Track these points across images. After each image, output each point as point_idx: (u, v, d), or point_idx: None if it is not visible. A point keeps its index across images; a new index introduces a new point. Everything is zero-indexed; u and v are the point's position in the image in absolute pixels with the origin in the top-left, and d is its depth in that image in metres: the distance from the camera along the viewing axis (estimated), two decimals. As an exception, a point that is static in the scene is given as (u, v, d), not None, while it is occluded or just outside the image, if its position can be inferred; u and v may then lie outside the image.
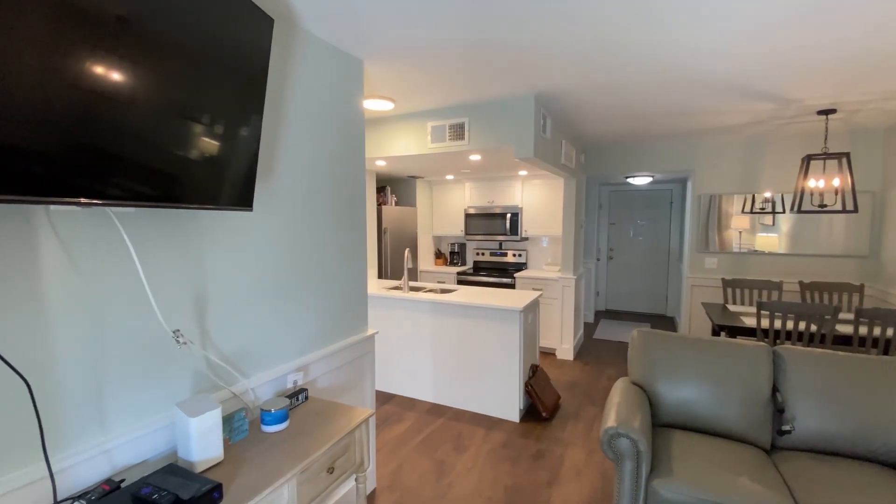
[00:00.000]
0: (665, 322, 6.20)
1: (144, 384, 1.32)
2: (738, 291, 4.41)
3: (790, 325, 3.08)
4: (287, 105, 1.75)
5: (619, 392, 2.22)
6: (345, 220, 2.09)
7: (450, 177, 5.13)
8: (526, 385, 3.23)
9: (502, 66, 2.32)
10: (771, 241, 4.34)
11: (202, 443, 1.29)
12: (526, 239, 5.26)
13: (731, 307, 3.74)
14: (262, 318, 1.69)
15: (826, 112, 3.17)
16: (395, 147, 3.32)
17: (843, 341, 2.88)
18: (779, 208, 4.29)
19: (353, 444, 1.59)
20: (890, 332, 2.74)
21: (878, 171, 3.80)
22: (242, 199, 1.42)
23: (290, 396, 1.69)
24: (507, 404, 3.20)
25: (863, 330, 2.86)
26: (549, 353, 4.71)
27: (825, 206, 3.21)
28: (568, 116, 3.42)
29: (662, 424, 2.27)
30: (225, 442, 1.44)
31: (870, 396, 1.91)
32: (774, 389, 2.10)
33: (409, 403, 3.47)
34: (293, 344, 1.83)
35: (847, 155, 3.03)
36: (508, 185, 5.07)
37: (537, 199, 4.98)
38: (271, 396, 1.74)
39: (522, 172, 4.73)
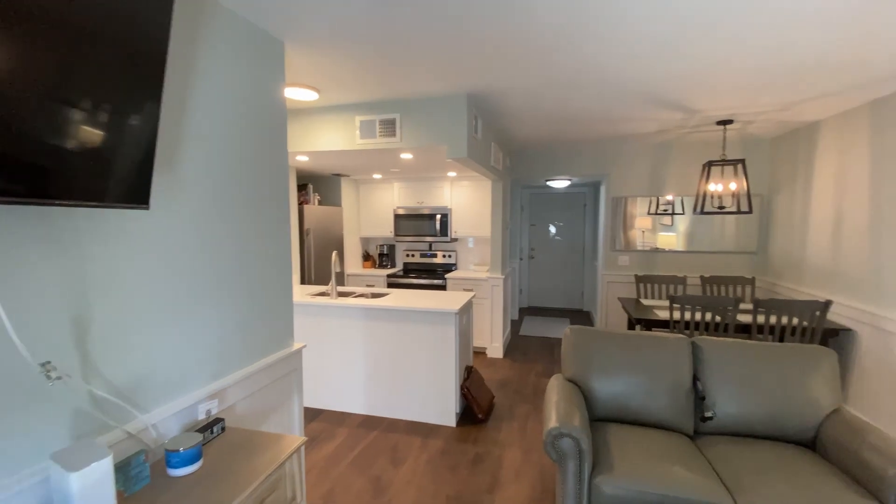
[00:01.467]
0: (582, 316, 6.58)
1: (2, 432, 1.01)
2: (649, 286, 4.79)
3: (698, 316, 3.39)
4: (196, 88, 1.48)
5: (555, 390, 2.25)
6: (267, 219, 1.85)
7: (378, 176, 4.94)
8: (462, 388, 3.17)
9: (435, 60, 2.22)
10: (670, 239, 4.78)
11: (89, 502, 1.02)
12: (455, 240, 5.25)
13: (645, 301, 4.04)
14: (163, 337, 1.41)
15: (724, 122, 3.54)
16: (319, 142, 3.07)
17: (743, 329, 3.23)
18: (679, 210, 4.73)
19: (283, 479, 1.39)
20: (784, 320, 3.13)
21: (766, 177, 4.37)
22: (135, 194, 1.16)
23: (202, 430, 1.44)
24: (444, 409, 3.12)
25: (760, 319, 3.23)
26: (479, 353, 4.73)
27: (723, 207, 3.58)
28: (497, 118, 3.44)
29: (598, 419, 2.34)
30: (119, 495, 1.17)
31: (780, 381, 2.13)
32: (695, 378, 2.26)
33: (340, 418, 3.24)
34: (205, 366, 1.56)
35: (742, 161, 3.42)
36: (438, 185, 5.01)
37: (466, 200, 4.99)
38: (179, 433, 1.47)
39: (451, 174, 4.70)
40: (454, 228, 5.04)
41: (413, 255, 5.45)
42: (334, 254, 3.41)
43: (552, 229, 7.10)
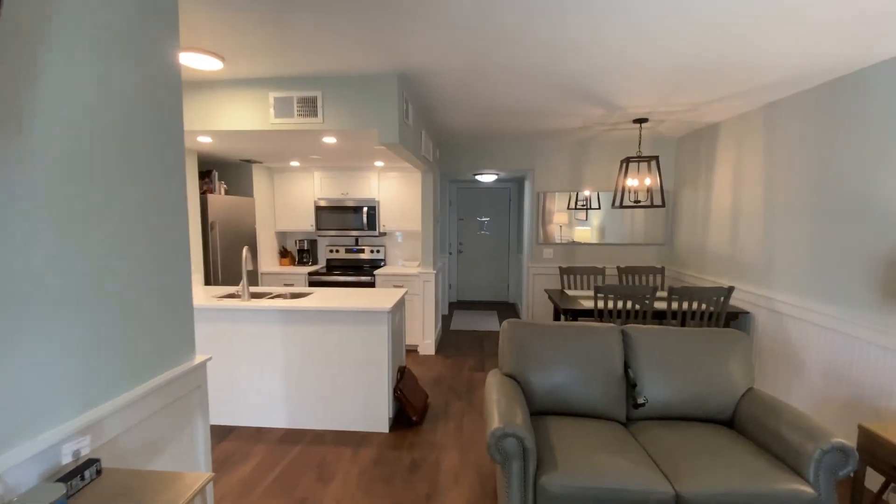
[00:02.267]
0: (508, 308, 6.71)
1: None
2: (572, 277, 4.96)
3: (620, 305, 3.53)
4: (53, 34, 1.12)
5: (495, 387, 2.16)
6: (156, 204, 1.50)
7: (295, 163, 4.52)
8: (395, 390, 2.98)
9: (365, 30, 2.00)
10: (585, 233, 5.01)
11: None
12: (384, 234, 5.01)
13: (570, 292, 4.16)
14: (2, 361, 1.04)
15: (640, 121, 3.73)
16: (225, 120, 2.67)
17: (659, 315, 3.43)
18: (595, 205, 4.96)
19: (183, 529, 1.11)
20: (695, 305, 3.37)
21: (672, 173, 4.71)
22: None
23: (68, 477, 1.10)
24: (376, 415, 2.90)
25: (674, 305, 3.45)
26: (411, 350, 4.57)
27: (639, 202, 3.78)
28: (428, 107, 3.28)
29: (536, 412, 2.30)
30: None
31: (701, 364, 2.24)
32: (626, 366, 2.31)
33: (256, 434, 2.88)
34: (68, 395, 1.21)
35: (656, 158, 3.62)
36: (364, 176, 4.72)
37: (394, 192, 4.77)
38: (36, 483, 1.11)
39: (379, 163, 4.45)
40: (382, 222, 4.80)
41: (337, 251, 5.11)
42: (245, 250, 3.02)
43: (480, 225, 7.14)
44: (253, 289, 3.49)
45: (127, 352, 1.38)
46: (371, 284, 4.53)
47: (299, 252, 5.04)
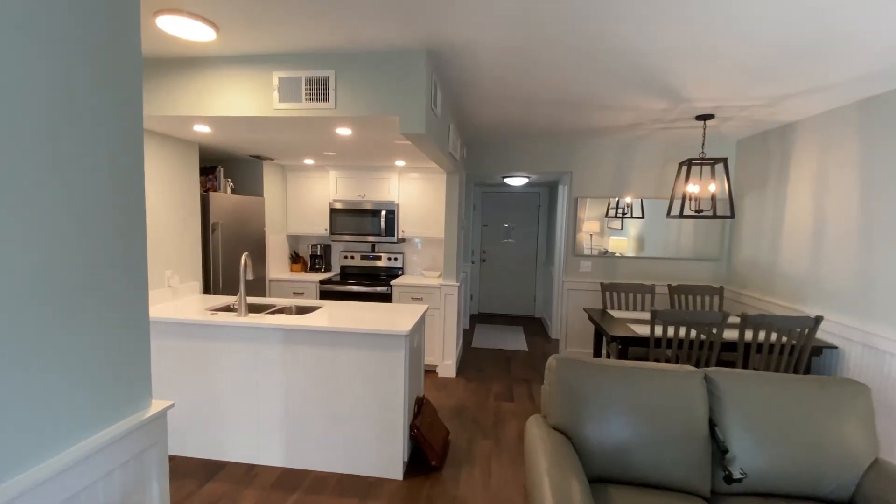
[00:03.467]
0: (535, 324, 6.18)
1: None
2: (615, 295, 4.42)
3: (682, 333, 2.99)
4: None
5: (541, 448, 1.67)
6: (103, 207, 1.08)
7: (309, 161, 4.13)
8: (411, 428, 2.52)
9: (391, -14, 1.56)
10: (621, 244, 4.47)
11: None
12: (402, 241, 4.58)
13: (614, 313, 3.63)
14: None
15: (704, 118, 3.20)
16: (222, 103, 2.27)
17: (728, 347, 2.87)
18: (637, 212, 4.41)
19: None
20: (773, 337, 2.81)
21: (731, 180, 4.13)
22: None
23: None
24: (389, 458, 2.44)
25: (747, 335, 2.89)
26: (430, 371, 4.10)
27: (701, 210, 3.24)
28: (457, 94, 2.83)
29: (594, 478, 1.80)
30: None
31: (811, 425, 1.71)
32: (711, 424, 1.79)
33: (247, 475, 2.45)
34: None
35: (724, 161, 3.09)
36: (383, 176, 4.30)
37: (416, 195, 4.33)
38: None
39: (400, 163, 4.02)
40: (401, 227, 4.36)
41: (352, 258, 4.69)
42: (244, 257, 2.61)
43: (506, 232, 6.64)
44: (253, 300, 3.09)
45: (50, 405, 0.95)
46: (387, 297, 4.09)
47: (312, 258, 4.64)
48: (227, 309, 2.82)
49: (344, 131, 2.62)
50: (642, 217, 4.44)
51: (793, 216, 3.31)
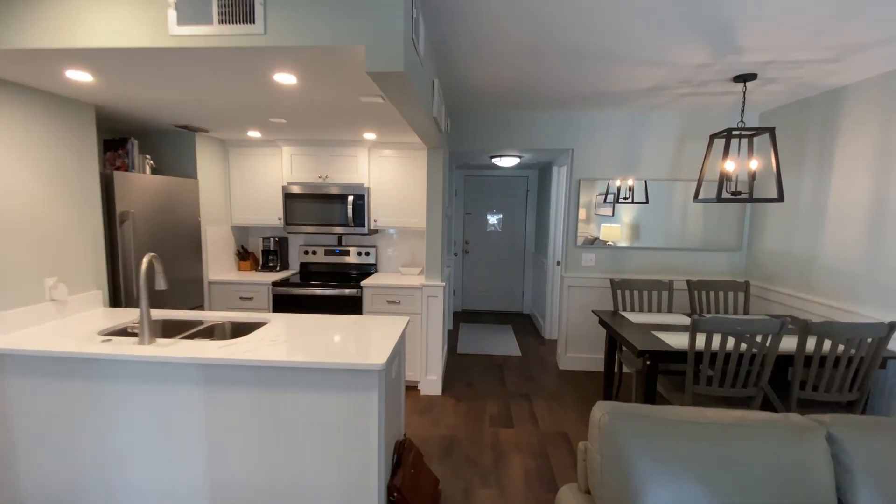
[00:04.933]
0: (524, 321, 5.59)
1: None
2: (626, 294, 3.84)
3: (730, 344, 2.41)
4: None
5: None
6: None
7: (254, 133, 3.32)
8: (390, 491, 1.84)
9: None
10: (613, 231, 3.90)
11: None
12: (375, 232, 3.84)
13: (630, 316, 3.04)
14: None
15: (745, 78, 2.60)
16: (95, 30, 1.48)
17: (782, 361, 2.31)
18: (640, 197, 3.82)
19: None
20: (840, 348, 2.26)
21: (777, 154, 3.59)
22: None
23: None
24: (359, 536, 1.76)
25: (810, 345, 2.34)
26: (410, 388, 3.43)
27: (739, 193, 2.66)
28: (444, 35, 2.11)
29: None
30: None
31: None
32: (851, 511, 1.19)
33: (156, 571, 1.72)
34: None
35: (772, 131, 2.50)
36: (349, 154, 3.53)
37: (390, 176, 3.59)
38: None
39: (369, 135, 3.27)
40: (373, 216, 3.62)
41: (314, 253, 3.92)
42: (148, 260, 1.84)
43: (491, 219, 5.98)
44: (173, 315, 2.32)
45: None
46: (357, 301, 3.37)
47: (264, 254, 3.85)
48: (127, 333, 2.04)
49: (285, 78, 1.85)
50: (646, 202, 3.87)
51: (841, 198, 2.78)
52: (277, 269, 3.82)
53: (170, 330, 2.30)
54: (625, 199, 3.89)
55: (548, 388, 3.54)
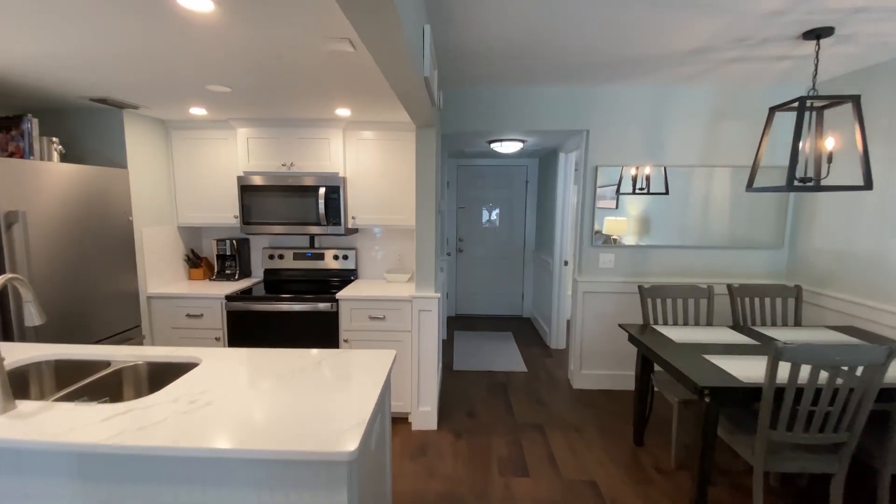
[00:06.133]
0: (525, 327, 5.03)
1: None
2: (657, 302, 3.27)
3: (823, 377, 1.86)
4: None
5: None
6: None
7: (198, 110, 2.65)
8: None
9: None
10: (617, 225, 3.35)
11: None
12: (355, 231, 3.21)
13: (668, 332, 2.48)
14: None
15: (818, 34, 2.03)
16: None
17: (887, 394, 1.78)
18: (657, 187, 3.26)
19: None
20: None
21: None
22: None
23: None
24: None
25: None
26: (398, 420, 2.83)
27: (808, 180, 2.10)
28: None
29: None
30: None
31: None
32: None
33: None
34: None
35: (857, 99, 1.94)
36: (319, 136, 2.89)
37: (371, 163, 2.96)
38: None
39: (343, 111, 2.63)
40: (352, 212, 2.99)
41: (281, 257, 3.28)
42: (2, 281, 1.20)
43: (487, 214, 5.38)
44: (70, 351, 1.67)
45: None
46: (330, 318, 2.75)
47: (219, 259, 3.20)
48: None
49: (202, 4, 1.22)
50: (665, 192, 3.31)
51: (927, 186, 2.24)
52: (236, 277, 3.17)
53: (64, 376, 1.66)
54: (640, 189, 3.33)
55: (563, 414, 2.98)
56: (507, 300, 5.48)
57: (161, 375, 1.65)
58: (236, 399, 1.29)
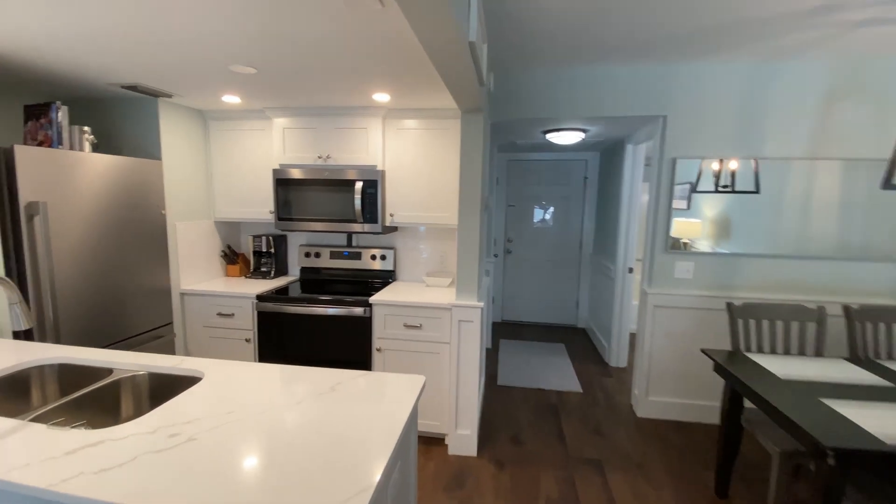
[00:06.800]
0: (579, 338, 4.57)
1: None
2: (750, 324, 2.73)
3: None
4: None
5: None
6: None
7: (231, 98, 2.51)
8: None
9: None
10: (690, 228, 2.82)
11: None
12: (394, 229, 2.96)
13: (765, 361, 2.00)
14: None
15: None
16: None
17: None
18: (746, 184, 2.71)
19: None
20: None
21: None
22: None
23: None
24: None
25: None
26: (433, 441, 2.55)
27: None
28: None
29: None
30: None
31: None
32: None
33: None
34: None
35: None
36: (357, 126, 2.65)
37: (412, 156, 2.69)
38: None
39: (382, 96, 2.37)
40: (389, 209, 2.74)
41: (318, 256, 3.10)
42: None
43: (540, 213, 4.97)
44: (78, 355, 1.53)
45: None
46: (363, 323, 2.50)
47: (256, 256, 3.07)
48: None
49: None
50: (755, 191, 2.76)
51: None
52: (271, 275, 3.03)
53: (67, 382, 1.53)
54: (724, 187, 2.81)
55: (625, 448, 2.55)
56: (559, 308, 5.04)
57: (161, 389, 1.46)
58: (222, 437, 1.05)
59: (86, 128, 2.14)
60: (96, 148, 2.40)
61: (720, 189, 2.81)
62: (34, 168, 1.83)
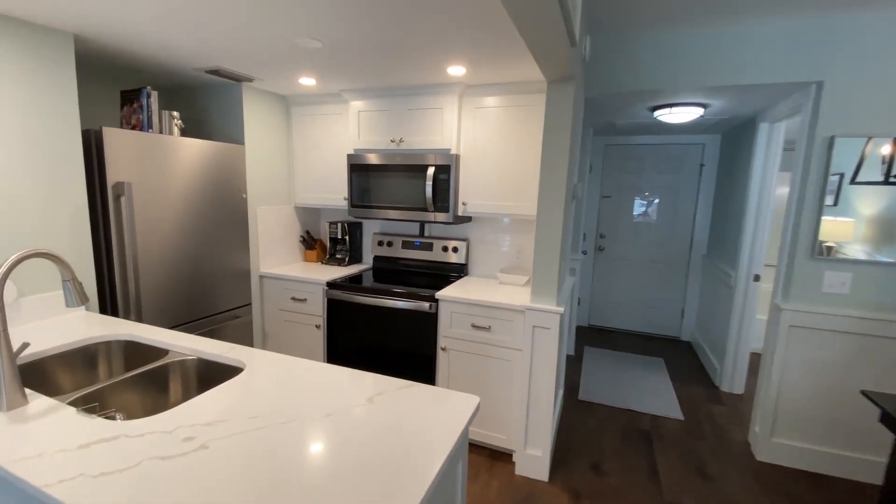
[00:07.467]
0: (682, 352, 3.93)
1: None
2: None
3: None
4: None
5: None
6: None
7: (307, 80, 2.45)
8: None
9: None
10: (840, 229, 2.09)
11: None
12: (467, 219, 2.73)
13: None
14: None
15: None
16: None
17: None
18: None
19: None
20: None
21: None
22: None
23: None
24: None
25: None
26: (500, 456, 2.29)
27: None
28: None
29: None
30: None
31: None
32: None
33: None
34: None
35: None
36: (432, 105, 2.45)
37: (490, 138, 2.42)
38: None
39: (457, 69, 2.13)
40: (462, 197, 2.51)
41: (390, 245, 2.99)
42: (6, 266, 1.04)
43: (641, 205, 4.38)
44: (146, 333, 1.55)
45: None
46: (429, 319, 2.32)
47: (332, 242, 3.06)
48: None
49: None
50: None
51: None
52: (346, 262, 2.99)
53: (132, 357, 1.56)
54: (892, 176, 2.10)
55: (738, 499, 2.04)
56: (660, 316, 4.41)
57: (208, 374, 1.42)
58: (235, 449, 0.91)
59: (175, 112, 2.22)
60: (184, 132, 2.52)
61: (890, 180, 2.11)
62: (121, 150, 1.93)
